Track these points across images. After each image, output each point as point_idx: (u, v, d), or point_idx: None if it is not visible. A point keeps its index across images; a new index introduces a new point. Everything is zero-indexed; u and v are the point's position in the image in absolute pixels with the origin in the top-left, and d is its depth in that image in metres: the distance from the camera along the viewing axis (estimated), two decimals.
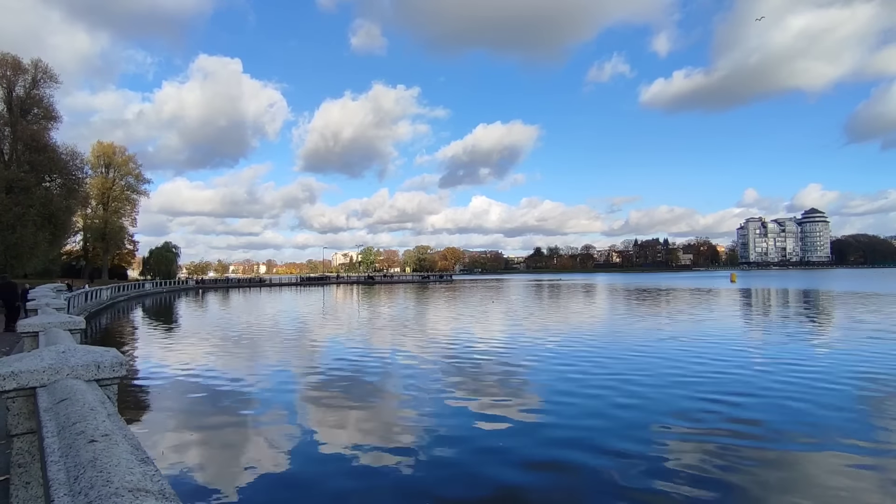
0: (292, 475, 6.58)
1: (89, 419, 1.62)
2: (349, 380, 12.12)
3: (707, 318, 25.12)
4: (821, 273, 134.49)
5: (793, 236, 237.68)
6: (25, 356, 2.51)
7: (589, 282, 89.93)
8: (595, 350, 15.71)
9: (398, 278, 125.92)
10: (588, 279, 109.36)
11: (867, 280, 72.17)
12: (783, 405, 9.23)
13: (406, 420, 8.91)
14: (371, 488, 6.20)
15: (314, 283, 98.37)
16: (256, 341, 19.46)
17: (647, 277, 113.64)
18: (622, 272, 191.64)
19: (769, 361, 13.42)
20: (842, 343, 16.58)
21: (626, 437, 7.72)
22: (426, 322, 26.49)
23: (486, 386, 11.32)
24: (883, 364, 12.62)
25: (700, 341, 17.09)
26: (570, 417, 8.81)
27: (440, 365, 13.81)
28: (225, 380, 12.29)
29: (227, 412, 9.57)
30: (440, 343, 18.05)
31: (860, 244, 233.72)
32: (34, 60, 43.65)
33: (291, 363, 14.59)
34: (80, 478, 1.18)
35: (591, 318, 26.47)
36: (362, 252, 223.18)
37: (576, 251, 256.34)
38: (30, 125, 41.60)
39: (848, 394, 10.01)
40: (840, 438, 7.50)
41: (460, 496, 6.03)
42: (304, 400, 10.43)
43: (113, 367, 2.46)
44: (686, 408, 9.20)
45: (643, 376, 11.75)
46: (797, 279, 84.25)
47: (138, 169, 73.37)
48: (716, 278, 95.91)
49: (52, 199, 40.95)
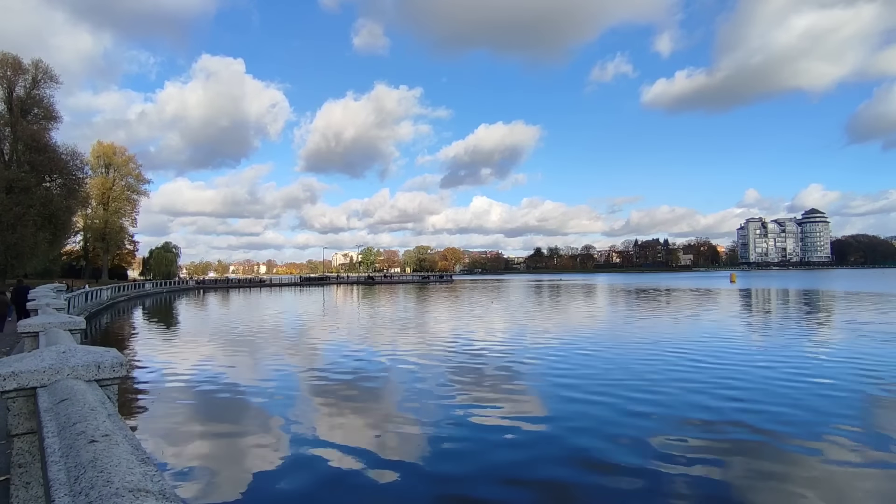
0: (292, 475, 6.57)
1: (90, 419, 1.62)
2: (348, 380, 12.12)
3: (707, 319, 25.14)
4: (821, 273, 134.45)
5: (793, 237, 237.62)
6: (26, 356, 2.52)
7: (589, 282, 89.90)
8: (594, 350, 15.71)
9: (398, 278, 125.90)
10: (588, 279, 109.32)
11: (867, 280, 72.11)
12: (789, 404, 9.24)
13: (405, 420, 8.90)
14: (371, 488, 6.20)
15: (314, 284, 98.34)
16: (256, 342, 19.46)
17: (646, 278, 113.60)
18: (622, 272, 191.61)
19: (770, 361, 13.42)
20: (841, 343, 16.58)
21: (625, 436, 7.73)
22: (425, 323, 26.48)
23: (486, 386, 11.31)
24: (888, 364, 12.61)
25: (700, 341, 17.10)
26: (570, 417, 8.81)
27: (439, 365, 13.81)
28: (225, 380, 12.29)
29: (228, 412, 9.58)
30: (439, 343, 18.04)
31: (860, 244, 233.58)
32: (34, 60, 43.67)
33: (291, 363, 14.59)
34: (81, 478, 1.18)
35: (590, 319, 26.47)
36: (362, 252, 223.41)
37: (576, 251, 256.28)
38: (30, 125, 41.56)
39: (851, 393, 10.02)
40: (843, 438, 7.51)
41: (460, 496, 6.03)
42: (303, 400, 10.43)
43: (113, 368, 2.46)
44: (686, 407, 9.20)
45: (643, 377, 11.76)
46: (797, 279, 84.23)
47: (138, 169, 73.54)
48: (715, 278, 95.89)
49: (53, 199, 40.93)
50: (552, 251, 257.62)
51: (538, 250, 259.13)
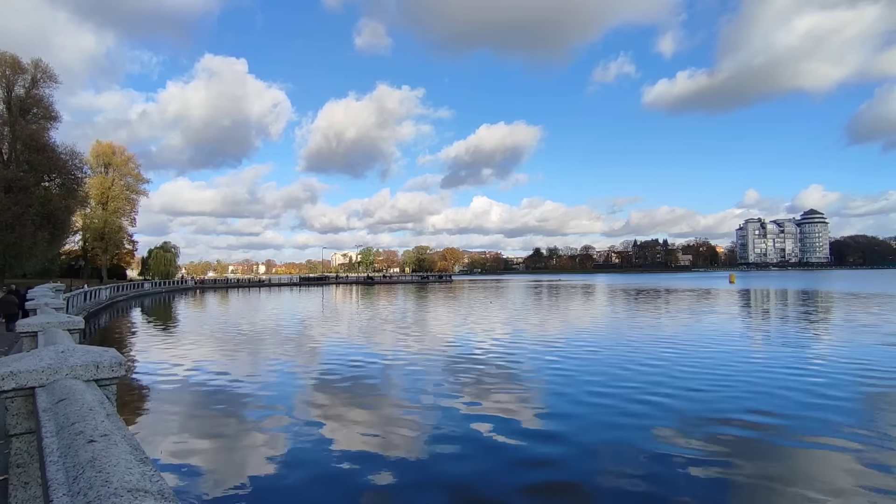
0: (291, 475, 6.57)
1: (88, 419, 1.62)
2: (347, 380, 12.11)
3: (706, 319, 25.17)
4: (819, 274, 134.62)
5: (792, 237, 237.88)
6: (24, 356, 2.51)
7: (588, 282, 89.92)
8: (594, 350, 15.72)
9: (397, 279, 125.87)
10: (587, 280, 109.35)
11: (864, 281, 72.21)
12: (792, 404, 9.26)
13: (405, 420, 8.89)
14: (371, 489, 6.19)
15: (313, 284, 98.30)
16: (255, 342, 19.44)
17: (645, 278, 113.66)
18: (621, 273, 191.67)
19: (770, 361, 13.44)
20: (840, 342, 16.60)
21: (625, 435, 7.74)
22: (424, 323, 26.48)
23: (485, 386, 11.31)
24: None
25: (698, 341, 17.12)
26: (570, 417, 8.82)
27: (439, 365, 13.81)
28: (224, 380, 12.28)
29: (226, 412, 9.57)
30: (438, 343, 18.03)
31: (859, 245, 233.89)
32: (34, 60, 43.59)
33: (290, 363, 14.58)
34: (79, 478, 1.18)
35: (590, 319, 26.47)
36: (361, 252, 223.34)
37: (575, 252, 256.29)
38: (29, 125, 41.48)
39: (850, 393, 10.04)
40: (845, 437, 7.52)
41: (460, 496, 6.03)
42: (302, 400, 10.42)
43: (112, 367, 2.46)
44: (685, 406, 9.22)
45: (643, 377, 11.77)
46: (796, 280, 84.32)
47: (137, 169, 73.45)
48: (714, 279, 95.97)
49: (51, 198, 40.86)
50: (551, 251, 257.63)
51: (537, 251, 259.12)
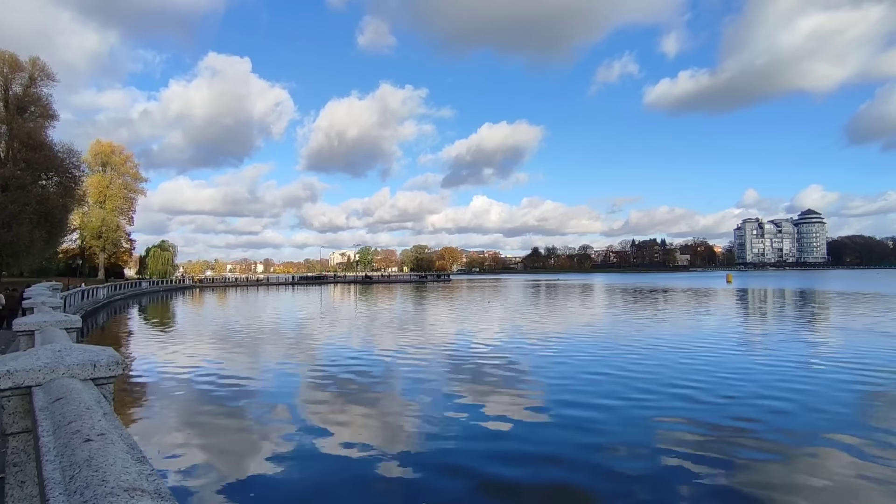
0: (289, 475, 6.57)
1: (85, 418, 1.62)
2: (346, 379, 12.12)
3: (706, 320, 25.22)
4: (816, 274, 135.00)
5: (789, 237, 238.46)
6: (21, 355, 2.51)
7: (586, 282, 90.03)
8: (593, 349, 15.75)
9: (395, 278, 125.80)
10: (585, 279, 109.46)
11: (861, 281, 72.46)
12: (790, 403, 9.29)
13: (404, 420, 8.91)
14: (370, 489, 6.19)
15: (311, 283, 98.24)
16: (253, 341, 19.43)
17: (644, 278, 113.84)
18: (619, 272, 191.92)
19: (769, 360, 13.49)
20: (838, 341, 16.66)
21: (625, 435, 7.75)
22: (423, 323, 26.49)
23: (484, 386, 11.33)
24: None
25: (698, 341, 17.16)
26: (570, 416, 8.84)
27: (437, 365, 13.82)
28: (221, 379, 12.26)
29: (224, 411, 9.56)
30: (436, 343, 18.05)
31: (856, 245, 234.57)
32: (32, 58, 43.42)
33: (288, 363, 14.57)
34: (76, 477, 1.18)
35: (589, 319, 26.51)
36: (360, 251, 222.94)
37: (574, 251, 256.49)
38: (26, 123, 41.34)
39: (850, 393, 10.08)
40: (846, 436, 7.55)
41: (460, 496, 6.04)
42: (300, 399, 10.42)
43: (109, 366, 2.46)
44: (685, 405, 9.24)
45: (643, 376, 11.79)
46: (793, 280, 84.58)
47: (136, 168, 73.29)
48: (712, 279, 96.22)
49: (49, 197, 40.72)
50: (550, 251, 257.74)
51: (536, 250, 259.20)
